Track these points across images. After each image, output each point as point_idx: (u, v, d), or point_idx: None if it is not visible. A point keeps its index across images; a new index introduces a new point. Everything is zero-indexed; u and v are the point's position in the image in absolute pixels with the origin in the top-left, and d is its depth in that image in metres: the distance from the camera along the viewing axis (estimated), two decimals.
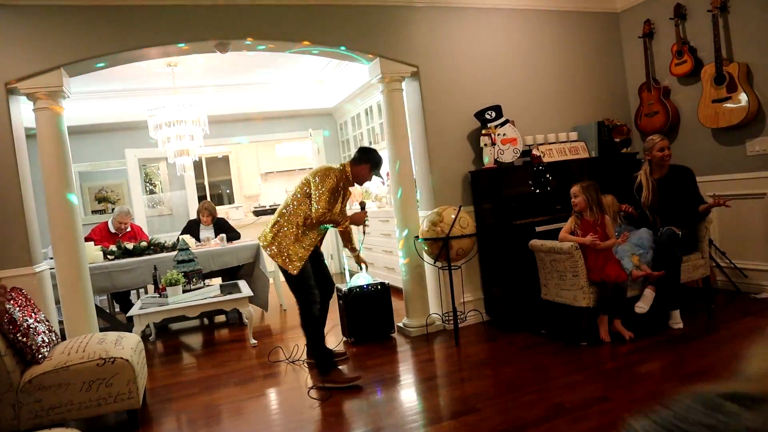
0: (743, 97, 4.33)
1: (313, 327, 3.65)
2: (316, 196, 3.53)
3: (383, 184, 3.67)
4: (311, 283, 3.66)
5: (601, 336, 3.74)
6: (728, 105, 4.43)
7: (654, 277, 3.81)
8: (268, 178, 10.65)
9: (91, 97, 6.46)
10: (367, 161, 3.73)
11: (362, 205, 3.96)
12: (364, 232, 4.03)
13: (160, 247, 5.56)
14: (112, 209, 7.23)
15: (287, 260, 3.58)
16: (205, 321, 6.04)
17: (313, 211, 3.52)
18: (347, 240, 4.13)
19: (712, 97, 4.54)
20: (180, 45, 3.97)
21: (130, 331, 3.97)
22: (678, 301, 3.91)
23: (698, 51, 4.73)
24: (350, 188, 3.85)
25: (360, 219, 3.81)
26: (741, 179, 4.54)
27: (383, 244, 6.53)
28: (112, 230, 6.05)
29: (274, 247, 3.62)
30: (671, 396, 0.76)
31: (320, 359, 3.64)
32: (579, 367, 3.38)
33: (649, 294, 3.82)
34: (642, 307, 3.80)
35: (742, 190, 4.54)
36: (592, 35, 5.34)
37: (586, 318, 3.75)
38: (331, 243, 8.48)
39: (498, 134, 4.56)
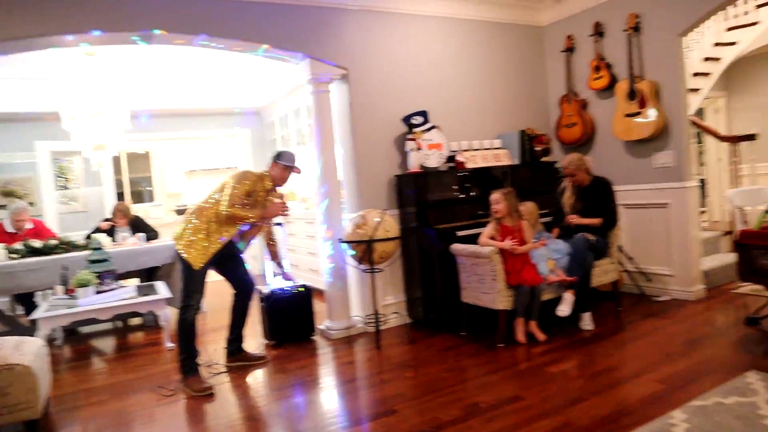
0: (652, 113, 4.61)
1: (183, 331, 3.58)
2: (227, 194, 3.56)
3: (298, 173, 3.83)
4: (198, 288, 3.60)
5: (517, 338, 3.87)
6: (639, 120, 4.70)
7: (567, 282, 3.98)
8: (192, 177, 10.32)
9: None
10: (277, 160, 3.80)
11: (279, 196, 3.91)
12: (279, 224, 4.22)
13: (71, 246, 5.26)
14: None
15: (192, 251, 3.54)
16: (119, 324, 5.76)
17: (221, 207, 3.53)
18: (273, 254, 4.20)
19: (625, 111, 4.80)
20: (95, 33, 3.75)
21: (33, 335, 3.73)
22: (588, 303, 4.11)
23: (614, 67, 5.00)
24: (275, 194, 3.87)
25: (275, 211, 3.77)
26: (648, 189, 4.83)
27: (307, 246, 6.48)
28: (10, 230, 5.58)
29: (183, 241, 3.59)
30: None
31: (184, 361, 3.59)
32: (495, 367, 3.47)
33: (569, 297, 3.99)
34: (564, 310, 3.96)
35: (648, 199, 4.83)
36: (518, 47, 5.53)
37: (503, 320, 3.87)
38: (256, 245, 8.32)
39: (424, 139, 4.63)
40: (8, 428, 3.07)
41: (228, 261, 3.84)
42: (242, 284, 3.95)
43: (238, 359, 4.01)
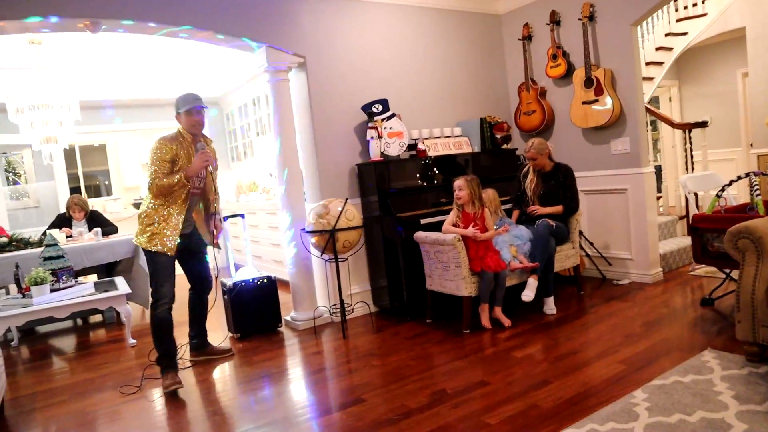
0: (608, 100, 4.71)
1: (157, 327, 3.44)
2: (149, 168, 3.40)
3: (203, 108, 3.53)
4: (166, 278, 3.44)
5: (482, 323, 3.92)
6: (596, 107, 4.79)
7: (530, 268, 4.05)
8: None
9: None
10: (178, 111, 3.50)
11: (199, 145, 3.47)
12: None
13: (23, 243, 5.07)
14: None
15: (150, 237, 3.41)
16: (79, 322, 5.60)
17: (149, 186, 3.37)
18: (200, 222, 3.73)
19: (582, 99, 4.88)
20: (34, 19, 3.57)
21: None
22: (551, 288, 4.19)
23: (571, 55, 5.08)
24: (206, 143, 3.56)
25: (198, 164, 3.41)
26: (606, 175, 4.94)
27: (270, 237, 6.42)
28: None
29: (140, 230, 3.47)
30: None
31: (159, 359, 3.47)
32: (461, 354, 3.51)
33: (533, 282, 4.06)
34: (528, 295, 4.03)
35: (607, 185, 4.94)
36: (476, 35, 5.56)
37: (468, 306, 3.91)
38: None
39: (385, 128, 4.62)
40: None
41: (191, 255, 3.75)
42: (199, 279, 3.85)
43: (203, 353, 3.96)
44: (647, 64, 6.57)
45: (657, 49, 6.77)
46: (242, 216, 4.87)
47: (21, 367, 4.25)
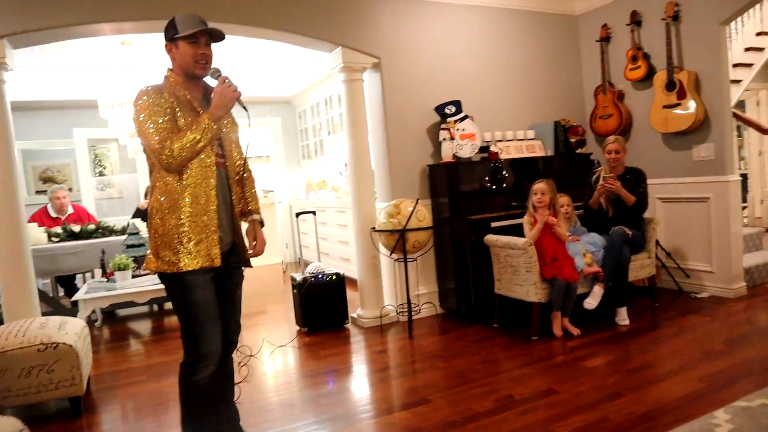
0: (692, 104, 4.49)
1: (191, 398, 2.27)
2: (141, 135, 2.15)
3: (210, 33, 2.27)
4: (208, 320, 2.21)
5: (554, 331, 3.83)
6: (678, 111, 4.59)
7: (602, 275, 3.92)
8: None
9: (38, 71, 6.16)
10: (168, 34, 2.27)
11: (215, 73, 2.33)
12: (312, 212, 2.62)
13: (108, 231, 5.38)
14: None
15: (175, 250, 2.16)
16: (155, 307, 5.88)
17: (153, 155, 2.13)
18: (245, 188, 2.49)
19: (663, 102, 4.68)
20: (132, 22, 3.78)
21: (75, 317, 3.83)
22: (625, 298, 4.04)
23: (652, 57, 4.88)
24: (220, 80, 2.28)
25: (222, 101, 2.21)
26: (687, 183, 4.71)
27: (339, 235, 6.51)
28: (53, 214, 5.78)
29: (151, 249, 2.23)
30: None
31: None
32: (529, 360, 3.45)
33: (598, 291, 3.93)
34: (591, 303, 3.91)
35: (688, 193, 4.72)
36: (552, 36, 5.44)
37: (537, 313, 3.83)
38: (285, 228, 8.37)
39: (457, 129, 4.60)
40: (54, 404, 3.18)
41: (220, 289, 2.32)
42: (227, 328, 2.36)
43: None
44: (734, 65, 6.22)
45: (746, 49, 6.39)
46: (314, 213, 4.97)
47: (103, 347, 4.52)
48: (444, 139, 4.53)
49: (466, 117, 4.65)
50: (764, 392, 2.68)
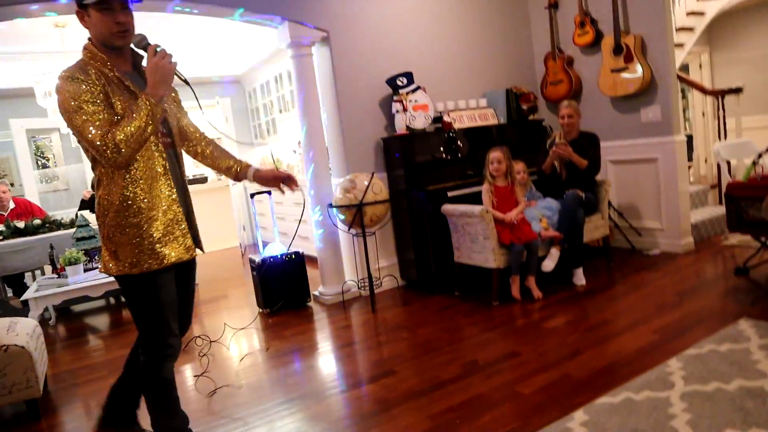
0: (638, 68, 4.58)
1: (153, 389, 2.18)
2: (74, 128, 1.89)
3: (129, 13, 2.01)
4: (169, 312, 2.10)
5: (513, 294, 3.90)
6: (625, 75, 4.67)
7: (559, 238, 4.00)
8: None
9: None
10: (82, 3, 1.95)
11: (142, 41, 2.10)
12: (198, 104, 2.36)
13: (56, 225, 5.18)
14: None
15: (135, 250, 1.98)
16: (111, 300, 5.72)
17: (93, 151, 1.88)
18: (219, 158, 2.44)
19: (611, 66, 4.76)
20: (61, 0, 3.57)
21: (26, 316, 3.69)
22: (581, 259, 4.14)
23: (599, 23, 4.93)
24: (149, 51, 2.04)
25: (161, 73, 1.99)
26: (636, 145, 4.83)
27: (296, 214, 6.42)
28: None
29: (115, 253, 2.01)
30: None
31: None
32: (491, 325, 3.51)
33: (555, 253, 4.02)
34: (548, 265, 4.00)
35: (637, 154, 4.84)
36: (501, 3, 5.43)
37: (497, 278, 3.89)
38: (241, 211, 8.23)
39: (410, 101, 4.57)
40: (10, 408, 3.06)
41: (185, 278, 2.26)
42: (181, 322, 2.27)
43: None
44: (678, 30, 6.37)
45: (688, 14, 6.54)
46: (269, 193, 4.89)
47: (59, 345, 4.37)
48: (397, 111, 4.50)
49: (418, 88, 4.62)
50: (713, 339, 2.81)
